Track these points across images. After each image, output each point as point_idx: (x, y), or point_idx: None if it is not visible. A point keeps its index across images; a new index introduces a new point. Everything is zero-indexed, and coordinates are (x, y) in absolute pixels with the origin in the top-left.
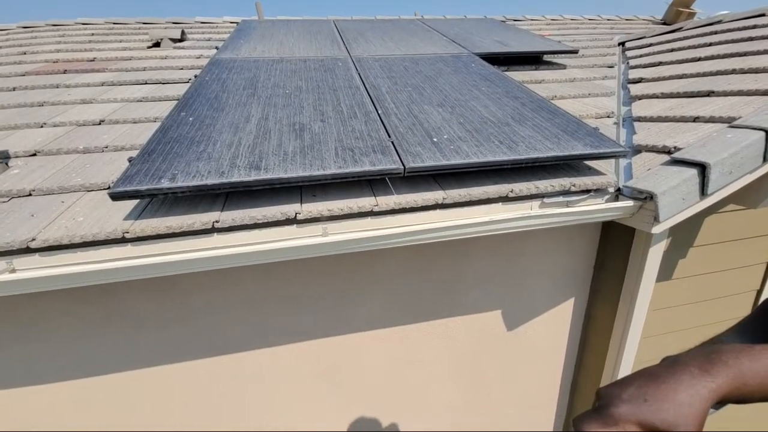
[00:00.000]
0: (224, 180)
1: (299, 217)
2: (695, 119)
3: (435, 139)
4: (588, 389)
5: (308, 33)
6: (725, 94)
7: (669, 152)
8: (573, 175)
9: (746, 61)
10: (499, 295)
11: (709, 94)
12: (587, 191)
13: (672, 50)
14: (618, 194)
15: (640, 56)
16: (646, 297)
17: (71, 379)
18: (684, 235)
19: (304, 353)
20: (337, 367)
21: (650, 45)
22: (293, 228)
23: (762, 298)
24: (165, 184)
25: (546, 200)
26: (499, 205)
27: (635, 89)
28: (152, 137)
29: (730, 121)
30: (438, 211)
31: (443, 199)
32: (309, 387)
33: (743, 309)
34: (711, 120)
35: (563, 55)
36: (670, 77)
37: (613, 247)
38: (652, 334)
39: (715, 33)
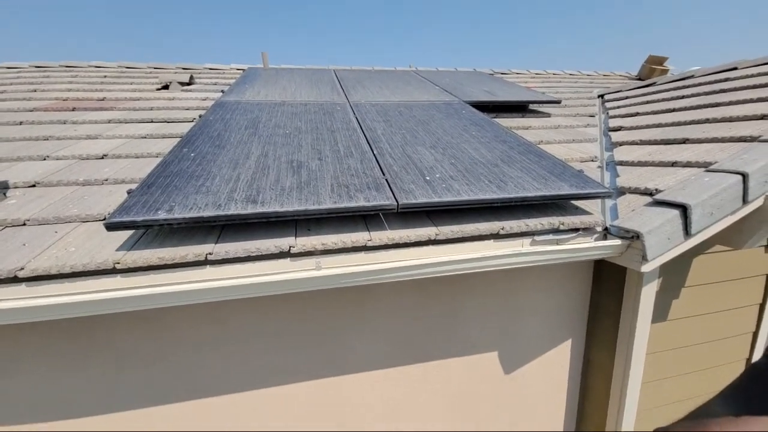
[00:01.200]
0: (220, 213)
1: (293, 250)
2: (673, 164)
3: (428, 178)
4: None
5: (309, 80)
6: (699, 141)
7: (651, 194)
8: (561, 214)
9: (719, 111)
10: (495, 334)
11: (685, 141)
12: (576, 230)
13: (648, 102)
14: (606, 233)
15: (619, 107)
16: (644, 339)
17: (46, 420)
18: (675, 275)
19: (294, 395)
20: (327, 411)
21: (627, 98)
22: (287, 261)
23: (759, 340)
24: (161, 215)
25: (537, 238)
26: (491, 242)
27: (616, 136)
28: (153, 171)
29: (706, 166)
30: (431, 247)
31: (436, 235)
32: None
33: (741, 352)
34: (688, 165)
35: (547, 105)
36: (648, 126)
37: (606, 287)
38: (652, 378)
39: (687, 87)
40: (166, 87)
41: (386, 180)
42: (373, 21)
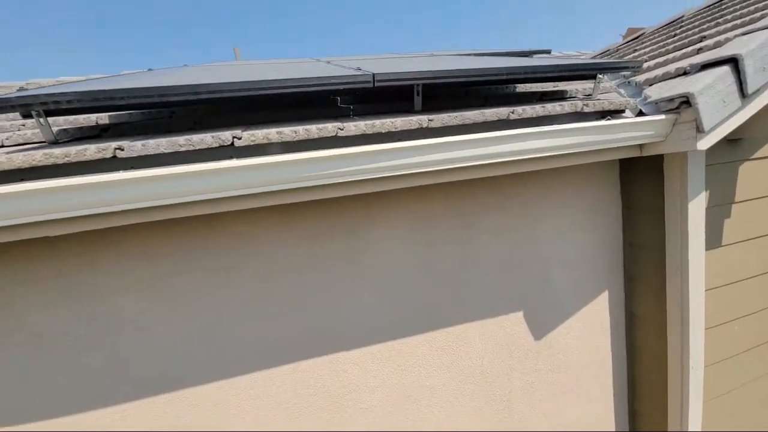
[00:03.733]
0: None
1: (238, 143)
2: (699, 50)
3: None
4: (649, 409)
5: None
6: (719, 33)
7: (686, 73)
8: (584, 97)
9: (727, 18)
10: (514, 280)
11: (702, 39)
12: (603, 113)
13: (642, 46)
14: (640, 115)
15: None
16: (700, 269)
17: None
18: (722, 186)
19: (274, 380)
20: (312, 403)
21: (618, 50)
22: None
23: None
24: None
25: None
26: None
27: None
28: None
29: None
30: (424, 141)
31: (429, 122)
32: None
33: None
34: (717, 45)
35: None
36: (653, 53)
37: (642, 205)
38: (715, 323)
39: (681, 25)
40: None
41: (357, 67)
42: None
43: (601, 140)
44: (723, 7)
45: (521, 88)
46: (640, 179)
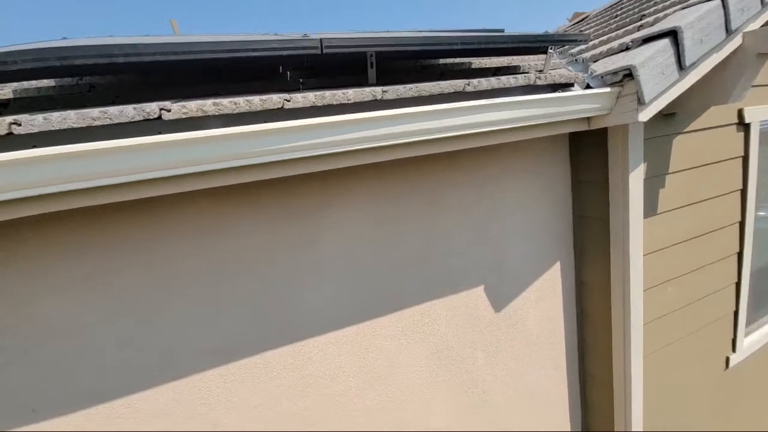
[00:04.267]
0: None
1: (166, 116)
2: (640, 27)
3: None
4: (598, 369)
5: None
6: (658, 10)
7: (627, 48)
8: (536, 73)
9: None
10: (476, 256)
11: (642, 17)
12: (554, 86)
13: (588, 25)
14: (588, 89)
15: None
16: (638, 234)
17: None
18: (658, 159)
19: (234, 374)
20: (277, 398)
21: (565, 32)
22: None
23: (746, 232)
24: None
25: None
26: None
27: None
28: None
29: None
30: (377, 113)
31: (383, 93)
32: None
33: (731, 246)
34: (656, 21)
35: None
36: (597, 33)
37: (589, 177)
38: (652, 284)
39: (623, 6)
40: None
41: (305, 34)
42: None
43: (553, 112)
44: None
45: (476, 64)
46: (587, 154)
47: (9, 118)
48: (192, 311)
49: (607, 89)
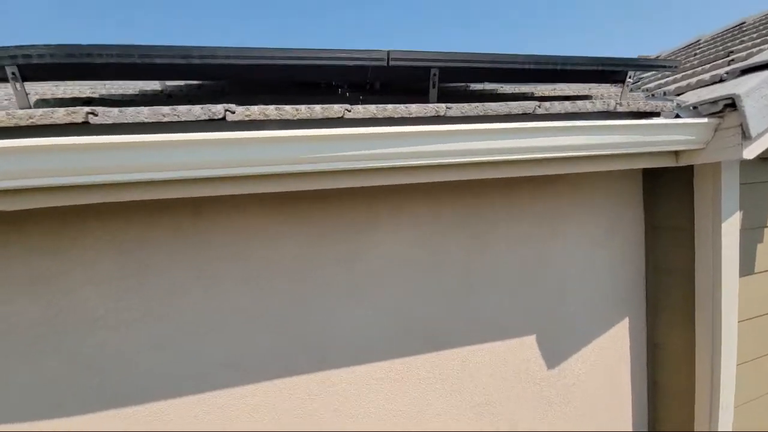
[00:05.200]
0: None
1: (231, 118)
2: (730, 62)
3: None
4: None
5: None
6: (746, 48)
7: (722, 79)
8: (617, 97)
9: (749, 35)
10: (526, 302)
11: (729, 54)
12: (636, 115)
13: None
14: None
15: None
16: (733, 296)
17: None
18: (755, 208)
19: (258, 395)
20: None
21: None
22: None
23: None
24: None
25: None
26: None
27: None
28: None
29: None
30: (440, 126)
31: (447, 110)
32: None
33: None
34: (749, 56)
35: None
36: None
37: (669, 227)
38: (747, 358)
39: (698, 48)
40: None
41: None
42: None
43: (636, 141)
44: (744, 29)
45: (539, 92)
46: (667, 195)
47: (87, 108)
48: (224, 323)
49: (705, 119)
